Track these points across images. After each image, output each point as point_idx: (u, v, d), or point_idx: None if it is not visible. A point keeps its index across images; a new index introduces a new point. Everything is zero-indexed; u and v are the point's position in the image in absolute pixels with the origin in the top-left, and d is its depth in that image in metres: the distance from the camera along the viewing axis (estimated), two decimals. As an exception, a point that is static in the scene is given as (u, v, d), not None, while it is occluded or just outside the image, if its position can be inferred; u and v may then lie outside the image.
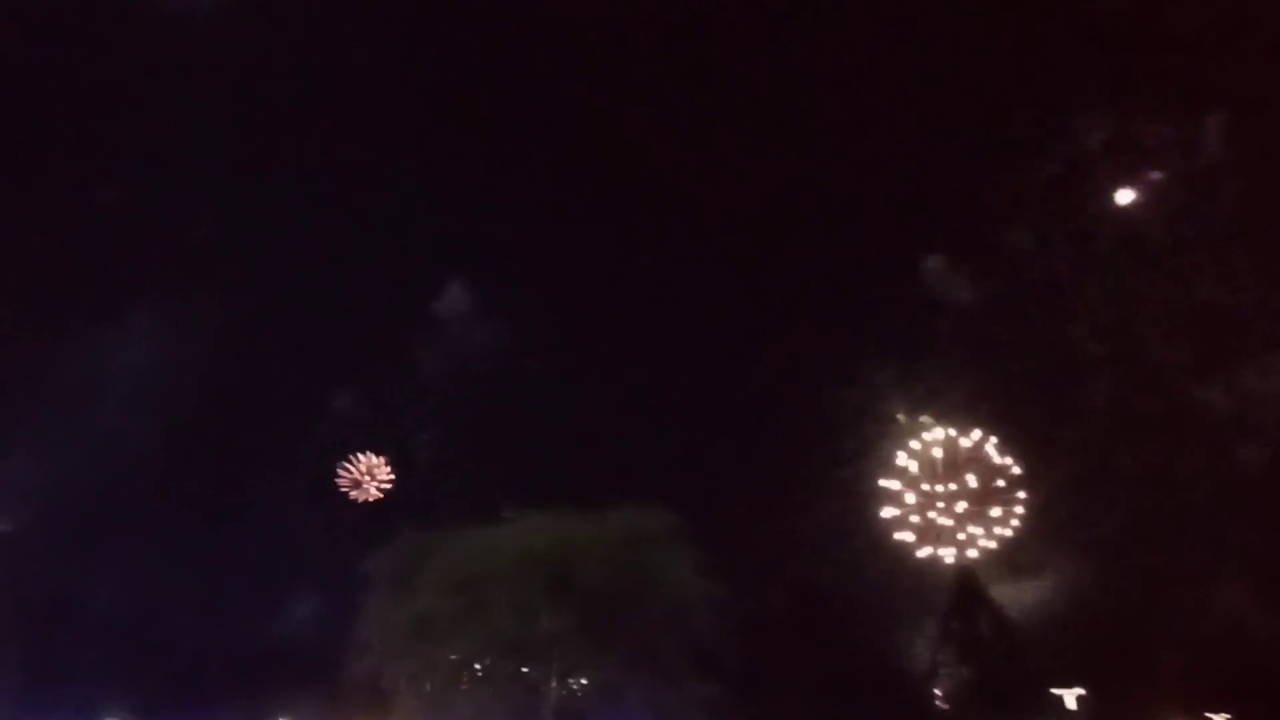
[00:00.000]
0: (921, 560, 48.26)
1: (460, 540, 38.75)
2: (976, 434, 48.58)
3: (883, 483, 48.30)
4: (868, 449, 50.00)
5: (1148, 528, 49.41)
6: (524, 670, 36.43)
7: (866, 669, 45.63)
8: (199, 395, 52.44)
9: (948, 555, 47.88)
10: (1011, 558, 48.71)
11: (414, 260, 56.34)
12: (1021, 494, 47.86)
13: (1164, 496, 49.40)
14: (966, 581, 47.87)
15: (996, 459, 48.23)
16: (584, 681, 37.03)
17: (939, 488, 48.57)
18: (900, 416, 50.38)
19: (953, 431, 48.95)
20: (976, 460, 48.58)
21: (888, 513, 47.97)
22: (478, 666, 36.97)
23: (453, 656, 35.98)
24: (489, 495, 48.85)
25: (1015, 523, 48.01)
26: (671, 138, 56.49)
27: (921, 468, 48.70)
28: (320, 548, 51.00)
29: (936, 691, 46.42)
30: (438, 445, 56.84)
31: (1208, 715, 44.47)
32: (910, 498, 48.05)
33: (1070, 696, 43.97)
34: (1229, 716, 44.00)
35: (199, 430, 52.56)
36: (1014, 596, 47.82)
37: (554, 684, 35.65)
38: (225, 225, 55.03)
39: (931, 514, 48.27)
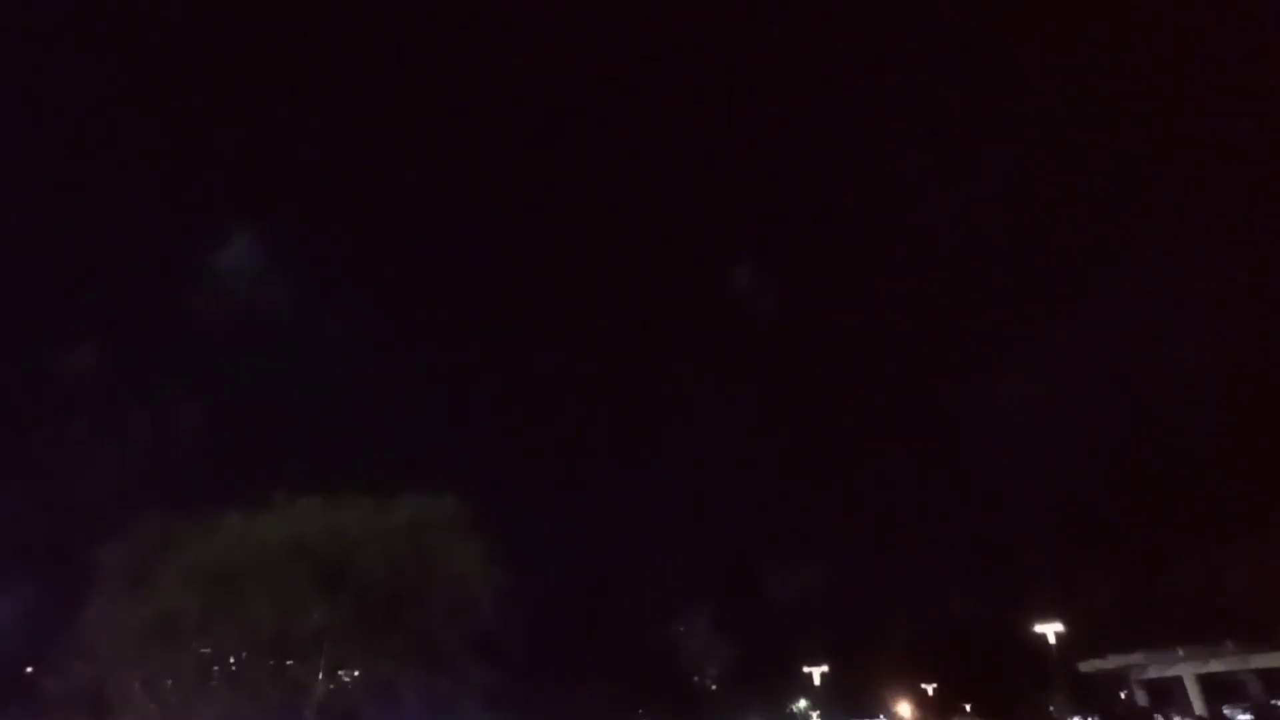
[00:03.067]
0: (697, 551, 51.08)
1: (217, 529, 34.66)
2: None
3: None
4: (665, 443, 52.09)
5: (883, 532, 57.10)
6: (288, 664, 33.34)
7: (644, 653, 47.18)
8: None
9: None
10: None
11: (188, 202, 49.30)
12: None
13: (905, 505, 57.27)
14: (740, 573, 51.57)
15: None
16: (356, 674, 34.63)
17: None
18: None
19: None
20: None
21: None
22: (232, 661, 33.29)
23: (204, 651, 32.10)
24: (256, 477, 43.94)
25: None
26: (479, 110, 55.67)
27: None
28: (28, 533, 42.82)
29: (709, 672, 49.17)
30: (198, 415, 49.33)
31: (922, 685, 52.73)
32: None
33: (817, 673, 48.92)
34: (936, 684, 52.51)
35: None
36: (779, 586, 52.12)
37: (320, 679, 32.95)
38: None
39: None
